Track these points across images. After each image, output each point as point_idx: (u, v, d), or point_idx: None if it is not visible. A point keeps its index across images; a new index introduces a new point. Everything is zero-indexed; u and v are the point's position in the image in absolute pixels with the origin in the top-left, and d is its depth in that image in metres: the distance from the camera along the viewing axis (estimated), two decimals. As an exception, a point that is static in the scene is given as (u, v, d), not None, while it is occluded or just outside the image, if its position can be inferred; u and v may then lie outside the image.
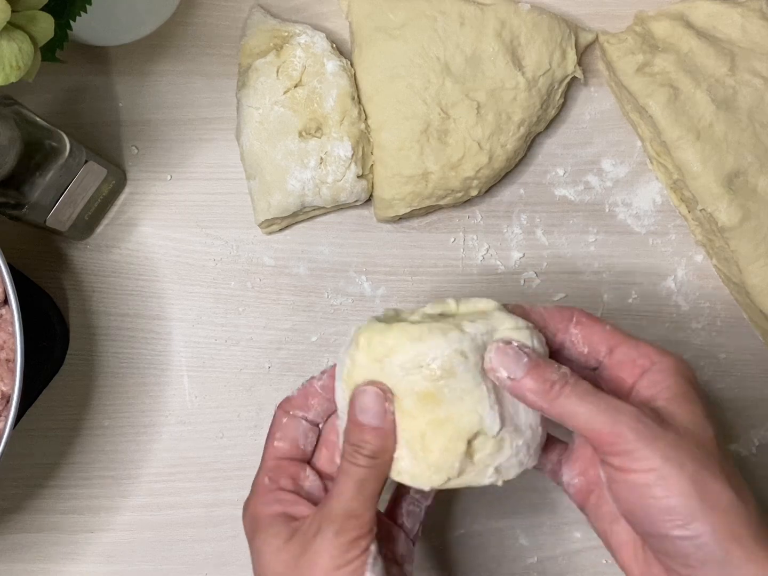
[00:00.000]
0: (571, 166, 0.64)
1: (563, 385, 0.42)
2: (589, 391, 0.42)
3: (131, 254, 0.63)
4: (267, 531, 0.45)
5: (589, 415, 0.41)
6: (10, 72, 0.42)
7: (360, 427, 0.44)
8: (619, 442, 0.41)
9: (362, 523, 0.43)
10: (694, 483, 0.40)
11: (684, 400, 0.43)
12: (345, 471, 0.44)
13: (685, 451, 0.41)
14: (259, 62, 0.60)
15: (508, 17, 0.60)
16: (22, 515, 0.62)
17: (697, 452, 0.41)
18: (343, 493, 0.44)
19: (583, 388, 0.42)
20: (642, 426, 0.41)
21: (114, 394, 0.63)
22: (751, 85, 0.59)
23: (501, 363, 0.43)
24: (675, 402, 0.43)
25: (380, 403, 0.43)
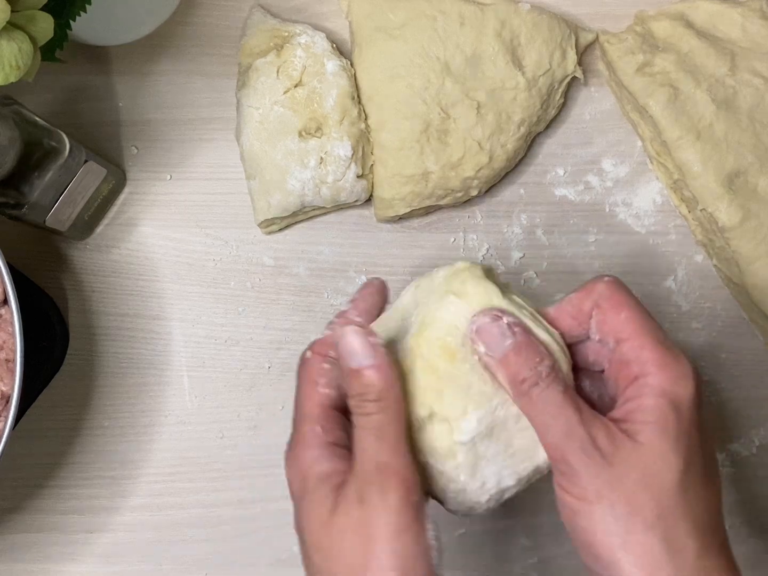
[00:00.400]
0: (572, 166, 0.64)
1: (532, 385, 0.40)
2: (553, 402, 0.40)
3: (131, 254, 0.63)
4: (313, 496, 0.41)
5: (545, 427, 0.40)
6: (9, 72, 0.42)
7: (355, 373, 0.41)
8: (563, 464, 0.40)
9: (402, 477, 0.40)
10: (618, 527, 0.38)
11: (656, 430, 0.39)
12: (360, 426, 0.41)
13: (623, 491, 0.38)
14: (259, 62, 0.60)
15: (508, 17, 0.60)
16: (22, 515, 0.62)
17: (639, 495, 0.38)
18: (366, 449, 0.40)
19: (550, 396, 0.40)
20: (586, 458, 0.39)
21: (114, 394, 0.63)
22: (751, 85, 0.59)
23: (484, 337, 0.41)
24: (646, 431, 0.39)
25: (365, 341, 0.40)
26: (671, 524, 0.38)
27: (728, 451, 0.63)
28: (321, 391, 0.43)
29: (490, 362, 0.41)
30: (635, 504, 0.38)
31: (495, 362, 0.41)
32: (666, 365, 0.41)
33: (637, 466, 0.39)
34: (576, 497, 0.39)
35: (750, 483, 0.63)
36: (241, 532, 0.62)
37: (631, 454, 0.39)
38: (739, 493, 0.63)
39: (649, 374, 0.40)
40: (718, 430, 0.63)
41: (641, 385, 0.40)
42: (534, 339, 0.41)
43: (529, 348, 0.41)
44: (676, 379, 0.40)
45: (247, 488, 0.62)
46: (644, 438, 0.39)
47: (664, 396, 0.40)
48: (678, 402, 0.40)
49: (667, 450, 0.39)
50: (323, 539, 0.40)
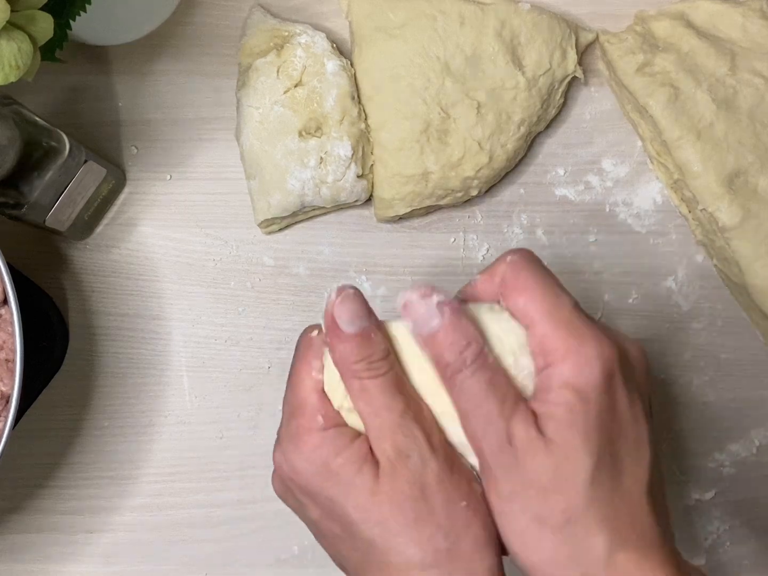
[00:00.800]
0: (572, 165, 0.64)
1: (455, 371, 0.38)
2: (476, 391, 0.38)
3: (131, 254, 0.63)
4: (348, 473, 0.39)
5: (465, 416, 0.39)
6: (9, 72, 0.42)
7: (359, 337, 0.39)
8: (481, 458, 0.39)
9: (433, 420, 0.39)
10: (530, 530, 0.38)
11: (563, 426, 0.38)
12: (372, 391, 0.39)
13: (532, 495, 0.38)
14: (259, 62, 0.60)
15: (508, 17, 0.60)
16: (22, 515, 0.62)
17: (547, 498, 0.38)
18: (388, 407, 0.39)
19: (473, 385, 0.38)
20: (501, 456, 0.38)
21: (113, 394, 0.63)
22: (751, 84, 0.59)
23: (411, 313, 0.39)
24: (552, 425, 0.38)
25: (361, 301, 0.40)
26: (581, 525, 0.37)
27: (728, 452, 0.63)
28: (316, 376, 0.42)
29: (417, 339, 0.40)
30: (545, 507, 0.38)
31: (422, 340, 0.39)
32: (568, 352, 0.38)
33: (549, 467, 0.38)
34: (492, 493, 0.39)
35: (750, 483, 0.63)
36: (241, 532, 0.62)
37: (543, 453, 0.38)
38: (740, 494, 0.63)
39: (552, 364, 0.38)
40: (718, 430, 0.63)
41: (548, 376, 0.38)
42: (465, 321, 0.39)
43: (456, 331, 0.39)
44: (580, 366, 0.38)
45: (247, 488, 0.62)
46: (553, 434, 0.38)
47: (568, 387, 0.38)
48: (585, 391, 0.38)
49: (575, 447, 0.37)
50: (374, 509, 0.39)
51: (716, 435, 0.63)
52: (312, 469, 0.40)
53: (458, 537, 0.39)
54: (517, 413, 0.38)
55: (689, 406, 0.63)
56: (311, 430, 0.41)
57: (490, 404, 0.38)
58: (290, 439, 0.41)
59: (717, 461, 0.63)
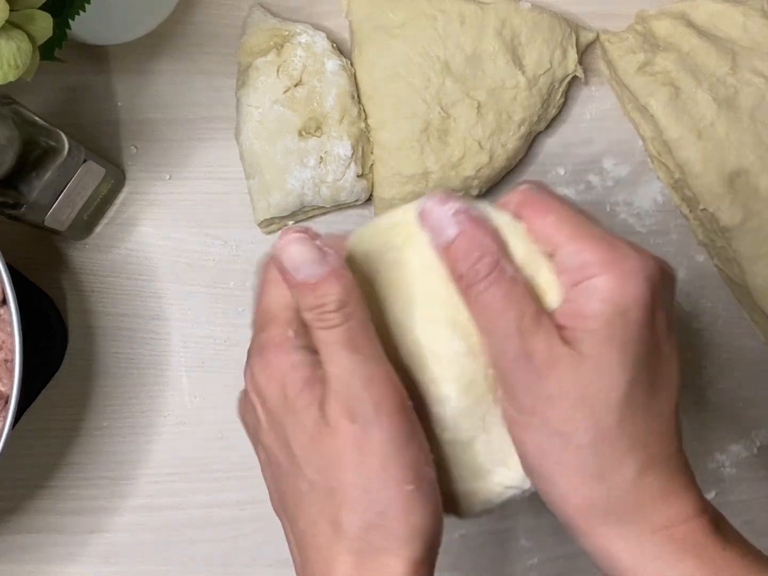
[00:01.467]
0: (572, 165, 0.64)
1: (470, 284, 0.37)
2: (492, 305, 0.36)
3: (130, 254, 0.63)
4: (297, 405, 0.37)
5: (483, 331, 0.37)
6: (8, 71, 0.42)
7: (306, 286, 0.36)
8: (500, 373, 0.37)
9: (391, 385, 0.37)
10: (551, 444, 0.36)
11: (601, 338, 0.36)
12: (326, 341, 0.37)
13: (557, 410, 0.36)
14: (259, 61, 0.60)
15: (508, 16, 0.60)
16: (21, 516, 0.62)
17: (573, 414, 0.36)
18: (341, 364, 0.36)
19: (489, 298, 0.36)
20: (520, 371, 0.36)
21: (113, 394, 0.62)
22: (752, 84, 0.59)
23: (428, 221, 0.37)
24: (589, 338, 0.36)
25: (310, 247, 0.36)
26: (609, 443, 0.36)
27: (729, 452, 0.63)
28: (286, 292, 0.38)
29: (436, 249, 0.38)
30: (570, 422, 0.36)
31: (439, 250, 0.37)
32: (610, 263, 0.36)
33: (578, 382, 0.36)
34: (512, 407, 0.37)
35: (751, 483, 0.63)
36: (240, 532, 0.62)
37: (571, 368, 0.36)
38: (740, 494, 0.63)
39: (593, 276, 0.36)
40: (718, 430, 0.63)
41: (585, 287, 0.36)
42: (482, 230, 0.37)
43: (472, 240, 0.37)
44: (623, 279, 0.36)
45: (247, 488, 0.62)
46: (587, 348, 0.36)
47: (610, 300, 0.36)
48: (626, 305, 0.36)
49: (611, 363, 0.36)
50: (314, 455, 0.37)
51: (717, 435, 0.63)
52: (272, 387, 0.38)
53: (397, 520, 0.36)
54: (539, 327, 0.36)
55: (690, 406, 0.63)
56: (279, 345, 0.38)
57: (507, 318, 0.36)
58: (259, 351, 0.39)
59: (717, 462, 0.63)
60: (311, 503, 0.38)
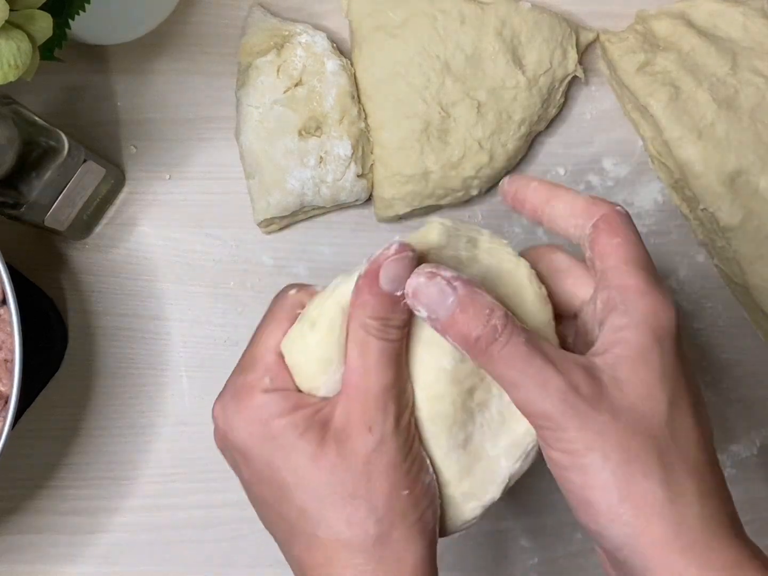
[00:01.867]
0: (572, 165, 0.64)
1: (490, 342, 0.36)
2: (518, 355, 0.36)
3: (130, 254, 0.63)
4: (289, 436, 0.38)
5: (515, 386, 0.36)
6: (8, 71, 0.42)
7: (390, 298, 0.37)
8: (543, 420, 0.36)
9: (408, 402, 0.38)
10: (616, 478, 0.35)
11: (639, 363, 0.36)
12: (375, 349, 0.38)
13: (614, 438, 0.35)
14: (259, 61, 0.60)
15: (508, 16, 0.60)
16: (21, 516, 0.62)
17: (630, 440, 0.35)
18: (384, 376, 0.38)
19: (513, 350, 0.36)
20: (569, 409, 0.35)
21: (113, 394, 0.62)
22: (752, 84, 0.59)
23: (423, 299, 0.37)
24: (628, 364, 0.36)
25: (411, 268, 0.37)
26: (669, 466, 0.35)
27: (729, 452, 0.63)
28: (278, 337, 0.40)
29: (436, 326, 0.37)
30: (630, 450, 0.35)
31: (441, 325, 0.37)
32: (648, 293, 0.37)
33: (624, 408, 0.35)
34: (564, 452, 0.36)
35: (751, 484, 0.63)
36: (240, 532, 0.62)
37: (616, 395, 0.36)
38: (740, 494, 0.63)
39: (630, 302, 0.37)
40: (719, 430, 0.63)
41: (622, 313, 0.37)
42: (479, 290, 0.37)
43: (475, 301, 0.36)
44: (658, 308, 0.37)
45: (247, 489, 0.62)
46: (627, 374, 0.36)
47: (646, 326, 0.36)
48: (661, 332, 0.37)
49: (652, 385, 0.36)
50: (312, 475, 0.38)
51: (717, 435, 0.62)
52: (249, 429, 0.39)
53: (392, 525, 0.38)
54: (572, 362, 0.36)
55: (690, 407, 0.63)
56: (254, 389, 0.39)
57: (539, 363, 0.36)
58: (233, 394, 0.40)
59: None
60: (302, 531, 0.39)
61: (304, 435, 0.38)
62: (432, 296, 0.36)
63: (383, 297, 0.37)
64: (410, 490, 0.38)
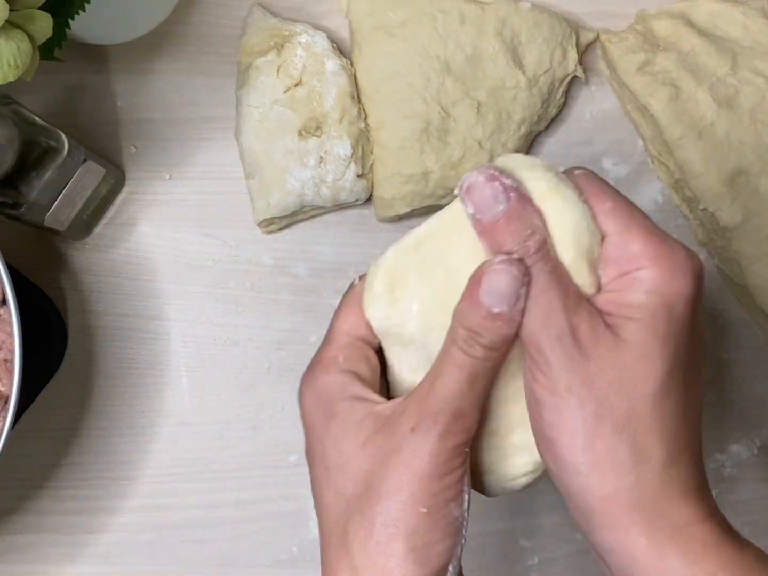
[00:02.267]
0: (572, 165, 0.63)
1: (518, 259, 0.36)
2: (536, 282, 0.36)
3: (130, 254, 0.63)
4: (348, 417, 0.38)
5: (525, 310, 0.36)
6: (8, 71, 0.42)
7: (484, 310, 0.36)
8: (536, 352, 0.36)
9: (469, 428, 0.37)
10: (585, 428, 0.35)
11: (643, 328, 0.36)
12: (455, 360, 0.37)
13: (595, 391, 0.35)
14: (259, 61, 0.60)
15: (508, 16, 0.60)
16: (21, 516, 0.62)
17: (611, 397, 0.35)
18: (450, 388, 0.37)
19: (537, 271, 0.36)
20: (561, 349, 0.35)
21: (112, 394, 0.62)
22: (753, 84, 0.59)
23: (474, 196, 0.36)
24: (632, 326, 0.36)
25: (517, 287, 0.36)
26: (642, 431, 0.35)
27: (729, 452, 0.63)
28: (354, 320, 0.41)
29: (476, 226, 0.37)
30: (607, 404, 0.35)
31: (481, 227, 0.37)
32: (660, 258, 0.37)
33: (616, 365, 0.35)
34: (544, 388, 0.36)
35: (751, 484, 0.63)
36: (240, 533, 0.62)
37: (612, 350, 0.36)
38: (741, 494, 0.63)
39: (641, 268, 0.37)
40: (719, 430, 0.63)
41: (632, 279, 0.37)
42: (530, 209, 0.37)
43: (522, 217, 0.36)
44: (671, 274, 0.37)
45: (247, 489, 0.62)
46: (628, 335, 0.36)
47: (656, 293, 0.36)
48: (672, 299, 0.36)
49: (651, 352, 0.36)
50: (363, 462, 0.38)
51: (717, 435, 0.63)
52: (316, 402, 0.39)
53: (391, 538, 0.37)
54: (582, 307, 0.36)
55: (690, 407, 0.63)
56: (329, 366, 0.40)
57: (553, 296, 0.36)
58: (310, 367, 0.41)
59: (718, 462, 0.63)
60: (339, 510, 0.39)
61: (363, 420, 0.38)
62: (485, 197, 0.36)
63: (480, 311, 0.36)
64: (428, 510, 0.37)
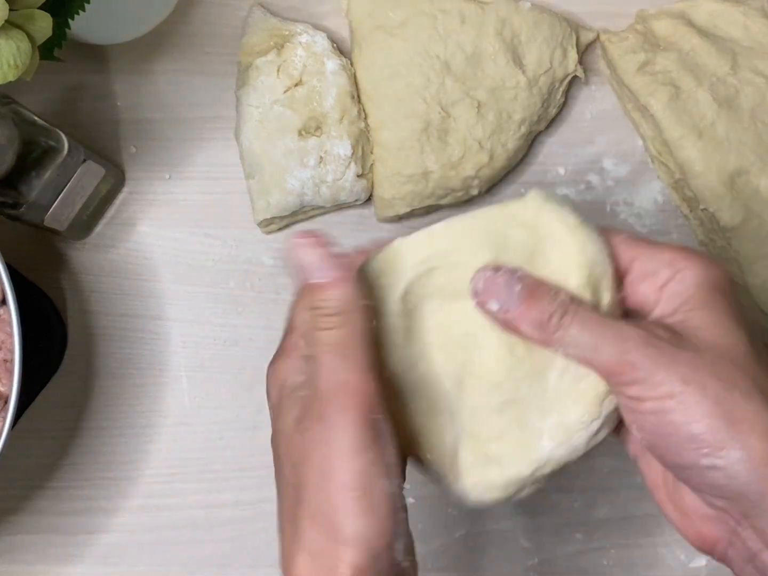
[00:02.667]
0: (572, 165, 0.63)
1: (562, 314, 0.38)
2: (590, 319, 0.38)
3: (129, 254, 0.63)
4: (286, 404, 0.39)
5: (594, 346, 0.37)
6: (8, 71, 0.42)
7: (313, 287, 0.38)
8: (631, 371, 0.36)
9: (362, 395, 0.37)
10: (719, 405, 0.35)
11: (708, 311, 0.38)
12: (318, 342, 0.38)
13: (707, 369, 0.36)
14: (259, 61, 0.60)
15: (508, 15, 0.60)
16: (21, 516, 0.62)
17: (723, 369, 0.36)
18: (326, 366, 0.38)
19: (585, 316, 0.38)
20: (653, 350, 0.36)
21: (112, 394, 0.62)
22: (753, 83, 0.59)
23: (491, 294, 0.39)
24: (698, 314, 0.38)
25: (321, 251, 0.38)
26: (765, 390, 0.36)
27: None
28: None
29: (508, 318, 0.39)
30: (726, 379, 0.36)
31: (514, 315, 0.39)
32: (691, 256, 0.39)
33: (708, 346, 0.37)
34: (659, 397, 0.36)
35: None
36: (240, 533, 0.62)
37: (695, 338, 0.37)
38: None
39: (680, 270, 0.39)
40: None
41: (677, 281, 0.39)
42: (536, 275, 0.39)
43: (541, 285, 0.39)
44: (707, 263, 0.39)
45: (247, 489, 0.62)
46: (699, 322, 0.37)
47: (705, 283, 0.38)
48: (719, 282, 0.39)
49: (726, 326, 0.37)
50: (290, 449, 0.39)
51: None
52: (274, 389, 0.41)
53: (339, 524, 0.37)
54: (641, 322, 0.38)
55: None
56: (291, 351, 0.41)
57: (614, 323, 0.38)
58: (275, 354, 0.42)
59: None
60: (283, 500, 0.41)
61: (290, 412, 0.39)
62: (500, 287, 0.39)
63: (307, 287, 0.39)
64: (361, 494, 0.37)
